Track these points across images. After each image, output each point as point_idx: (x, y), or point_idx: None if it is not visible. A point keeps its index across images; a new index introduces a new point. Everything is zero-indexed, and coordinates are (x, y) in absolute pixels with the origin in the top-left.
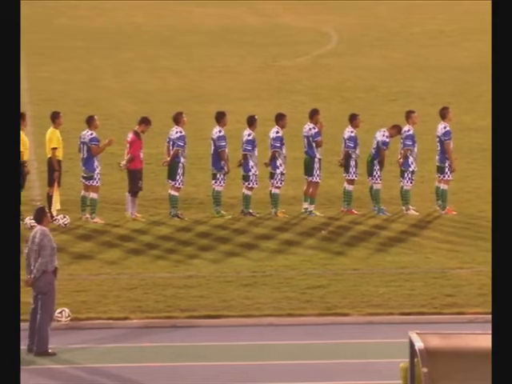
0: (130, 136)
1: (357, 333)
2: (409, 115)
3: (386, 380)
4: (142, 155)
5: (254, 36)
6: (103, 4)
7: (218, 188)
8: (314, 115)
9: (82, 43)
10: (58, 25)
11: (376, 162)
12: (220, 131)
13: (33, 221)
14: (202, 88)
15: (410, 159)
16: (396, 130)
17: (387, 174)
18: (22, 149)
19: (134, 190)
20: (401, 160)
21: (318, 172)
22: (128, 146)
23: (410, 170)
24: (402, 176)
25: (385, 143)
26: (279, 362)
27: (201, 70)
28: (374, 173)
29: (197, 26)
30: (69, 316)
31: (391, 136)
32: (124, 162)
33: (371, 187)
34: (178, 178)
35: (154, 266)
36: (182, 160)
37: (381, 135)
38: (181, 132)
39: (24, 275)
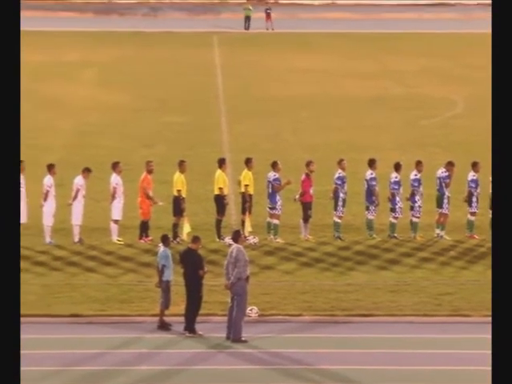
0: (303, 176)
1: (477, 330)
2: None
3: None
4: (311, 191)
5: (399, 102)
6: (280, 77)
7: (370, 217)
8: (449, 165)
9: (268, 106)
10: (251, 93)
11: None
12: (372, 173)
13: (231, 240)
14: (359, 141)
15: None
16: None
17: None
18: (222, 185)
19: (306, 218)
20: None
21: (446, 206)
22: (301, 183)
23: None
24: None
25: None
26: (417, 351)
27: (358, 127)
28: None
29: (355, 94)
30: (257, 312)
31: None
32: (297, 196)
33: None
34: (338, 208)
35: (321, 275)
36: (341, 195)
37: None
38: (339, 173)
39: (216, 281)
